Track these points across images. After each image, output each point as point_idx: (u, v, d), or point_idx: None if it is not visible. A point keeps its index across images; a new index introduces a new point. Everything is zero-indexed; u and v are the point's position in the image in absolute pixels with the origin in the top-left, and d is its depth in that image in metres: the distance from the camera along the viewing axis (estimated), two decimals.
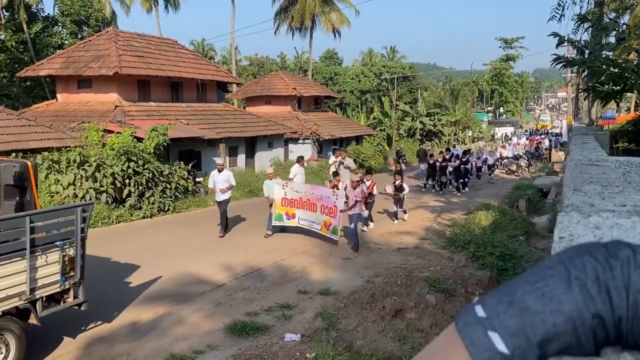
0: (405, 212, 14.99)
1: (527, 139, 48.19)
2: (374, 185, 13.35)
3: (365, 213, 12.86)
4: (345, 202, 11.90)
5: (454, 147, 28.28)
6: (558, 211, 1.79)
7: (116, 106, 19.41)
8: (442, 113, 48.13)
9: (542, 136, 48.06)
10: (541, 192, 20.12)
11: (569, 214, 1.56)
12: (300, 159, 15.53)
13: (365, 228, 13.38)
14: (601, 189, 2.15)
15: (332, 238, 11.94)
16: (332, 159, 17.43)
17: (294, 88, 30.24)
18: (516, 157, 32.01)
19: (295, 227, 12.74)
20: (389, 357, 7.00)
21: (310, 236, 12.38)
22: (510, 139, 46.34)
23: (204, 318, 7.75)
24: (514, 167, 30.71)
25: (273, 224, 12.76)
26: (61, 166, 14.25)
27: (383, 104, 47.31)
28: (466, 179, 21.86)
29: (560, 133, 48.19)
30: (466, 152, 23.13)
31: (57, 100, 21.60)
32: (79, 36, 33.54)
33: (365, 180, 12.96)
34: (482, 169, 26.80)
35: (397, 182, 14.65)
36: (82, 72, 19.72)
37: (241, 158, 23.56)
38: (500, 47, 71.24)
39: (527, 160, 32.66)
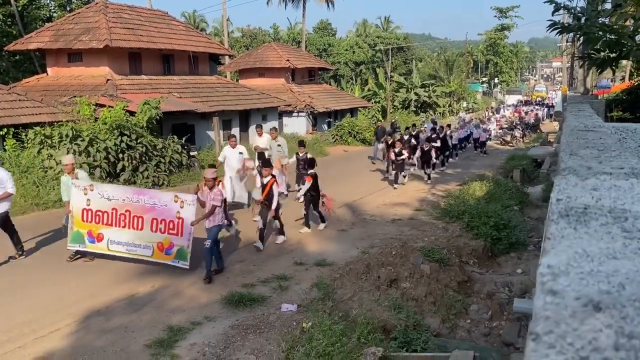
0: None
1: (513, 110, 45.54)
2: (273, 183, 9.59)
3: (229, 228, 9.71)
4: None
5: (425, 122, 27.18)
6: (553, 178, 1.77)
7: (107, 80, 19.17)
8: (437, 84, 47.91)
9: (537, 107, 47.77)
10: (535, 162, 20.19)
11: (566, 177, 1.55)
12: (272, 130, 14.20)
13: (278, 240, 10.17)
14: (598, 153, 2.14)
15: (176, 265, 8.25)
16: (263, 138, 13.81)
17: (288, 60, 29.93)
18: (511, 128, 31.99)
19: (108, 254, 8.69)
20: (384, 325, 7.09)
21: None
22: (497, 112, 44.61)
23: (201, 290, 7.80)
24: (508, 138, 30.72)
25: (69, 246, 8.80)
26: (54, 141, 14.12)
27: (377, 75, 46.95)
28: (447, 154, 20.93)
29: (552, 105, 48.06)
30: (443, 128, 22.02)
31: (47, 74, 21.28)
32: (68, 8, 32.86)
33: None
34: (465, 145, 25.34)
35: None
36: (72, 45, 19.40)
37: (235, 131, 23.39)
38: (496, 16, 70.56)
39: (522, 130, 32.66)
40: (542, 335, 0.60)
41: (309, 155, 12.48)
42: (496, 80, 75.72)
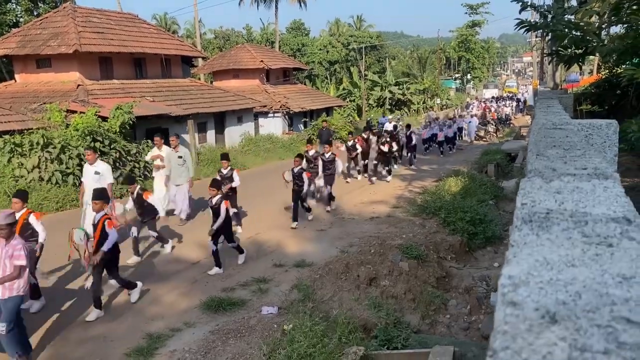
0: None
1: (480, 107, 42.19)
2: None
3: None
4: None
5: (384, 116, 25.65)
6: (522, 177, 1.82)
7: (78, 85, 18.83)
8: (411, 82, 48.26)
9: (509, 102, 48.42)
10: (509, 156, 20.50)
11: (531, 179, 1.59)
12: (174, 138, 11.96)
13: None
14: (563, 153, 2.19)
15: None
16: (164, 150, 11.66)
17: (262, 61, 29.81)
18: (484, 123, 32.43)
19: None
20: (365, 324, 7.14)
21: (284, 210, 12.36)
22: (469, 108, 43.31)
23: (180, 296, 7.74)
24: (482, 133, 31.15)
25: None
26: (24, 149, 13.82)
27: (352, 74, 47.10)
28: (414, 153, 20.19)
29: (522, 100, 48.72)
30: (407, 127, 21.20)
31: (15, 81, 20.81)
32: (35, 13, 32.19)
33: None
34: (430, 145, 23.90)
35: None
36: (40, 50, 19.00)
37: (211, 134, 23.23)
38: (466, 13, 71.17)
39: (495, 125, 33.13)
40: (499, 352, 0.62)
41: (234, 173, 10.94)
42: (469, 76, 76.61)
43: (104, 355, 6.08)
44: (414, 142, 20.08)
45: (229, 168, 10.96)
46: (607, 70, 14.55)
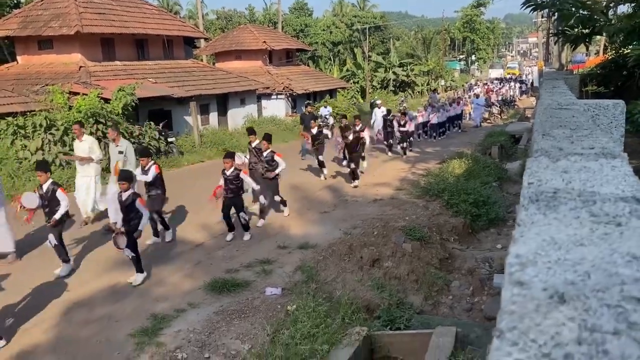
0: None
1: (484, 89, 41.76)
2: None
3: None
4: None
5: (325, 107, 21.02)
6: (528, 157, 1.79)
7: (80, 67, 18.74)
8: (415, 63, 47.88)
9: (511, 84, 47.84)
10: (513, 138, 20.41)
11: (537, 159, 1.57)
12: (113, 127, 10.26)
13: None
14: (570, 133, 2.16)
15: None
16: (84, 142, 9.86)
17: (264, 42, 29.57)
18: (488, 105, 32.19)
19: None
20: (368, 305, 7.18)
21: (289, 192, 12.35)
22: (469, 90, 41.60)
23: (184, 278, 7.78)
24: (486, 115, 30.94)
25: None
26: (27, 131, 13.82)
27: (355, 55, 46.69)
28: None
29: (526, 81, 48.15)
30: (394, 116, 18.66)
31: (17, 62, 20.72)
32: None
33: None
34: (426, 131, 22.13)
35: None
36: (41, 32, 18.87)
37: (213, 116, 23.17)
38: None
39: (499, 107, 32.89)
40: (506, 332, 0.60)
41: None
42: (473, 57, 75.92)
43: (110, 335, 6.13)
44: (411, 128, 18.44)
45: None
46: (614, 51, 14.37)
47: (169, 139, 17.38)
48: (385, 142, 18.21)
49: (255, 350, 5.70)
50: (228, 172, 8.95)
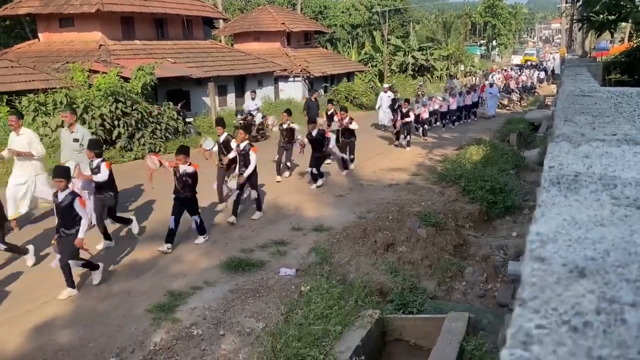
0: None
1: (503, 76, 37.79)
2: None
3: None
4: None
5: (253, 99, 17.94)
6: (549, 142, 1.80)
7: (100, 45, 18.88)
8: (435, 47, 47.28)
9: (529, 71, 46.94)
10: (532, 125, 20.19)
11: (559, 143, 1.58)
12: (70, 112, 9.04)
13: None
14: (592, 119, 2.16)
15: None
16: (22, 135, 8.69)
17: (283, 23, 29.42)
18: (508, 92, 31.77)
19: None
20: (381, 288, 7.24)
21: (303, 175, 12.40)
22: (485, 78, 39.66)
23: (201, 256, 7.90)
24: (505, 102, 30.57)
25: None
26: (48, 108, 14.00)
27: (374, 38, 46.24)
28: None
29: (545, 68, 47.28)
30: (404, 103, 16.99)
31: (39, 40, 20.92)
32: None
33: None
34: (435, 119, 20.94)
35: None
36: (63, 9, 19.02)
37: (231, 97, 23.23)
38: None
39: (519, 94, 32.44)
40: (528, 301, 0.63)
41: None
42: (494, 42, 74.80)
43: (128, 310, 6.27)
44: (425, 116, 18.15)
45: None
46: None
47: (187, 119, 17.48)
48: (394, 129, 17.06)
49: (269, 329, 5.80)
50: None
